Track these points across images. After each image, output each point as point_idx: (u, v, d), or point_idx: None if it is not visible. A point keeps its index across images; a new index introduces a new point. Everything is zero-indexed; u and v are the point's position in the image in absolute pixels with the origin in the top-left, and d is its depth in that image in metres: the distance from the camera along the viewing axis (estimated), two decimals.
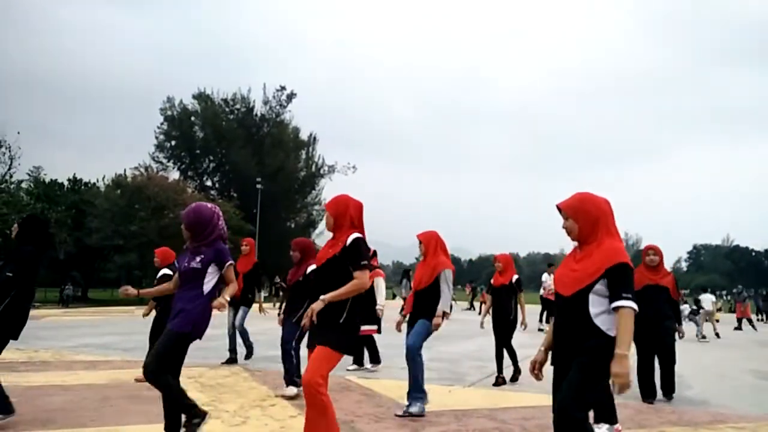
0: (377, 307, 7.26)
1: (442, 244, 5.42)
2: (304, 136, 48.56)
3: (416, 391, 4.99)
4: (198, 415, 3.64)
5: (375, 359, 7.67)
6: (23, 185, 32.01)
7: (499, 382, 6.67)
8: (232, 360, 7.85)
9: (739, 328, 19.16)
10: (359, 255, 3.42)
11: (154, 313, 6.66)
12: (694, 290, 59.18)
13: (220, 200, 37.75)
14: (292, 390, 5.65)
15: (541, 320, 14.97)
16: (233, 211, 34.01)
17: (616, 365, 2.56)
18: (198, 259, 3.80)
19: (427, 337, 5.16)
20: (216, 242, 3.88)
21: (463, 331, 13.60)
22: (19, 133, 30.29)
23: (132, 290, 3.99)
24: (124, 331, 12.56)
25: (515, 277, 7.00)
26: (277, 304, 8.29)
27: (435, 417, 4.89)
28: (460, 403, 5.47)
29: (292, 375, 5.75)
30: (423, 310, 5.14)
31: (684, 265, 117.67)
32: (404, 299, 17.66)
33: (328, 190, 47.14)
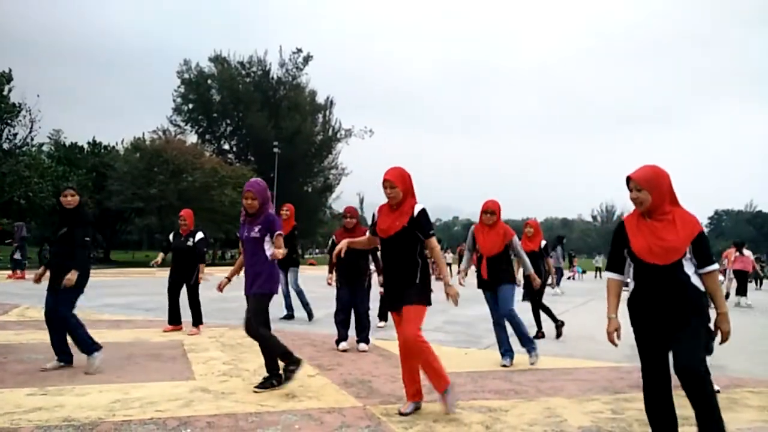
0: None
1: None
2: (320, 99, 48.25)
3: (529, 342, 5.66)
4: (294, 362, 4.37)
5: (384, 317, 8.19)
6: (44, 148, 32.39)
7: (539, 336, 7.39)
8: (289, 317, 8.53)
9: None
10: (428, 225, 3.88)
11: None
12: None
13: (238, 164, 37.93)
14: (364, 346, 6.25)
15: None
16: (250, 174, 34.23)
17: (725, 323, 2.95)
18: (256, 229, 4.39)
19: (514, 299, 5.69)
20: (269, 213, 4.45)
21: (479, 294, 13.63)
22: (38, 96, 30.55)
23: (224, 282, 4.68)
24: (145, 291, 12.83)
25: (543, 242, 7.76)
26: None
27: (452, 378, 4.94)
28: (476, 365, 5.52)
29: (367, 334, 6.34)
30: (501, 276, 5.62)
31: (705, 231, 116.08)
32: (559, 269, 16.93)
33: (345, 154, 47.00)
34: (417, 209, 3.86)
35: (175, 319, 7.18)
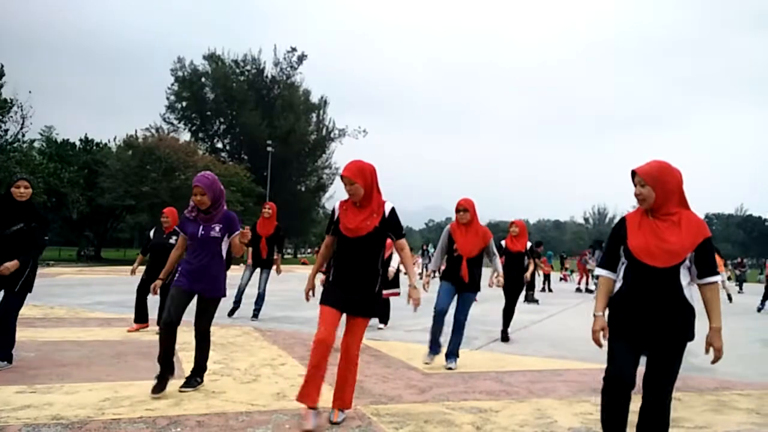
0: (390, 269, 7.26)
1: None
2: (314, 99, 48.18)
3: (456, 351, 5.61)
4: (201, 380, 4.39)
5: (384, 320, 8.01)
6: (35, 145, 32.16)
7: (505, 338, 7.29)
8: (234, 310, 8.37)
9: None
10: (400, 225, 3.72)
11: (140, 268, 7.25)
12: None
13: (231, 163, 37.78)
14: None
15: None
16: (244, 173, 34.09)
17: (718, 340, 2.74)
18: (217, 228, 4.18)
19: None
20: (228, 212, 4.28)
21: None
22: (30, 92, 30.30)
23: (158, 282, 4.42)
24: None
25: (528, 244, 7.63)
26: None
27: (443, 379, 4.96)
28: (467, 366, 5.53)
29: None
30: (473, 282, 5.46)
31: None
32: (591, 271, 17.30)
33: (339, 153, 46.90)
34: (388, 208, 3.64)
35: (142, 318, 6.98)
